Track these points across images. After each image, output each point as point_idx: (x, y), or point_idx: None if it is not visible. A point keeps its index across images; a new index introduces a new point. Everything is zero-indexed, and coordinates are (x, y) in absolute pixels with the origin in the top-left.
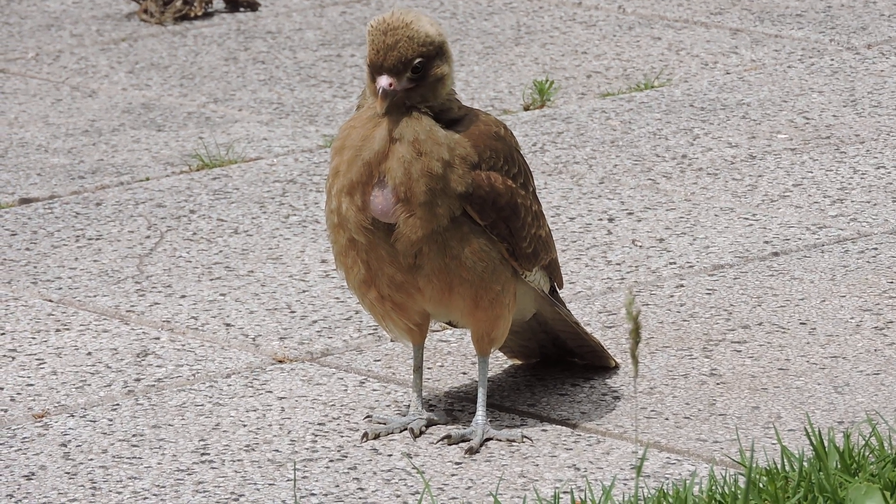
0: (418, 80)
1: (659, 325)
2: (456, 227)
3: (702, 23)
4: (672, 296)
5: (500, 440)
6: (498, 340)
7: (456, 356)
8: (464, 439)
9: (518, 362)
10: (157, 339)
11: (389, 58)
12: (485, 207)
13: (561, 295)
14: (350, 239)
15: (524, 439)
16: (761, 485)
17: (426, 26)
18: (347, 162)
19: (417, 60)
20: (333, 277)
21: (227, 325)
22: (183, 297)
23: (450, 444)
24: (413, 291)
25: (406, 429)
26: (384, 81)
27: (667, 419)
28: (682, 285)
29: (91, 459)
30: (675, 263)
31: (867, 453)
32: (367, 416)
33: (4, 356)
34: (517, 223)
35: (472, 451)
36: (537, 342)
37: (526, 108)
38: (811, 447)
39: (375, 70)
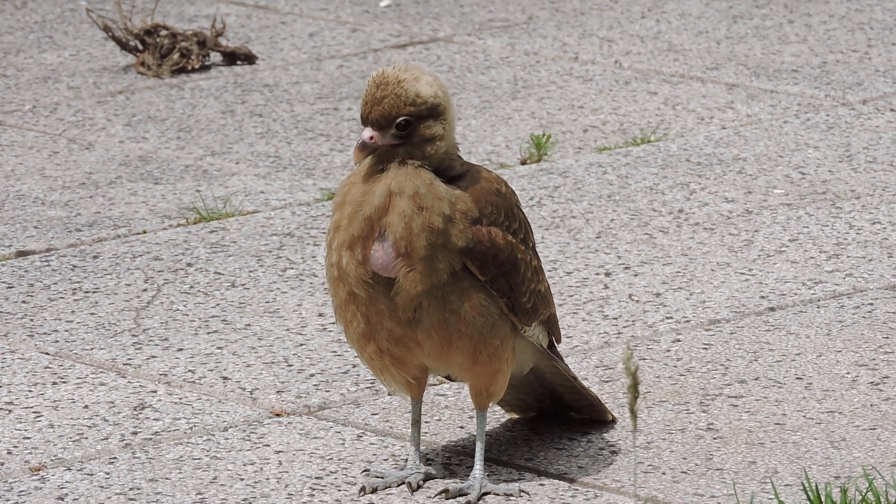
0: (404, 137)
1: (656, 379)
2: (456, 281)
3: (698, 77)
4: (669, 350)
5: (498, 494)
6: (496, 395)
7: (454, 410)
8: (461, 493)
9: (515, 416)
10: (154, 392)
11: (374, 112)
12: (485, 262)
13: (559, 349)
14: (350, 293)
15: (521, 493)
16: None
17: (420, 86)
18: (348, 217)
19: (402, 119)
20: (331, 331)
21: (225, 378)
22: (180, 350)
23: (448, 499)
24: (412, 345)
25: (403, 483)
26: (365, 134)
27: (664, 474)
28: (678, 340)
29: None
30: (671, 318)
31: None
32: (365, 470)
33: (1, 409)
34: (517, 278)
35: None
36: (535, 396)
37: (523, 162)
38: (808, 502)
39: (362, 121)
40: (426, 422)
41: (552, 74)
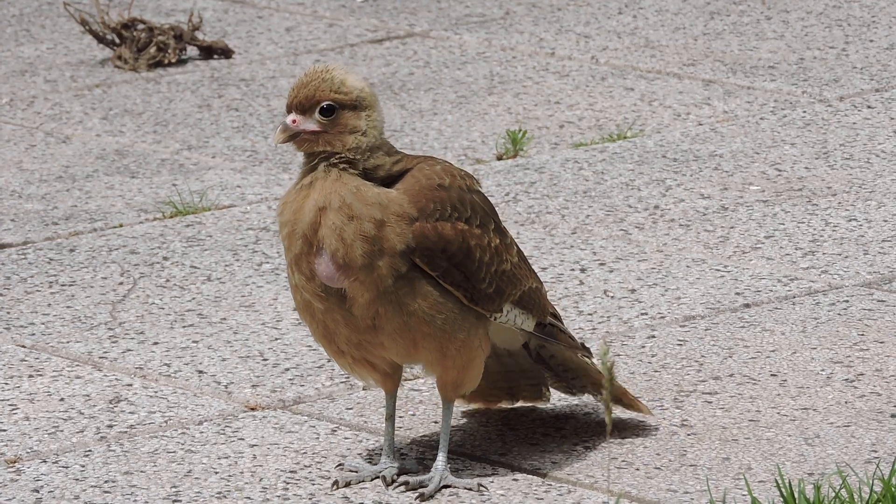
0: (326, 125)
1: (630, 375)
2: (408, 283)
3: (674, 74)
4: (643, 346)
5: (458, 487)
6: (465, 386)
7: (428, 405)
8: (421, 485)
9: (504, 406)
10: (130, 385)
11: (300, 95)
12: (434, 257)
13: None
14: (306, 300)
15: (480, 488)
16: None
17: (348, 76)
18: (287, 238)
19: (326, 103)
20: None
21: (200, 372)
22: (156, 343)
23: (407, 490)
24: (371, 348)
25: (377, 477)
26: (289, 118)
27: (637, 469)
28: (653, 336)
29: None
30: (646, 314)
31: None
32: (339, 465)
33: None
34: (472, 266)
35: (423, 498)
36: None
37: (499, 158)
38: (782, 499)
39: (287, 109)
40: (400, 417)
41: (528, 70)
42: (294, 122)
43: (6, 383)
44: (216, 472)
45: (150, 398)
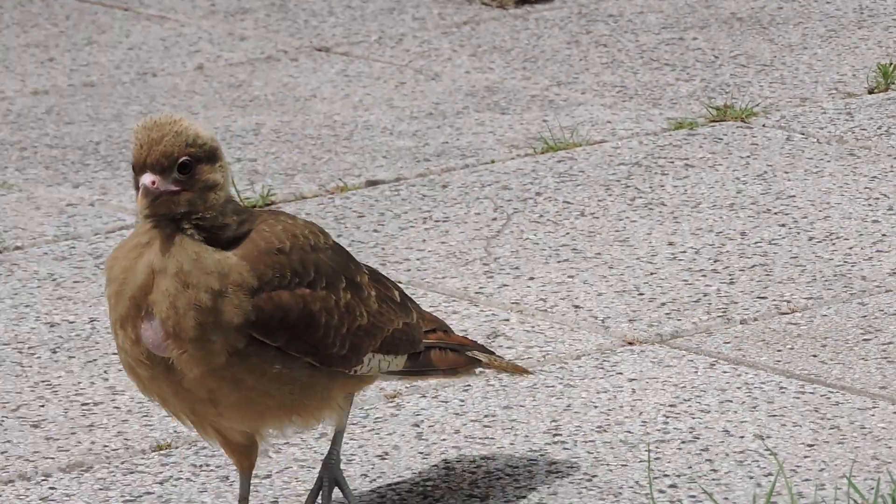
0: (185, 182)
1: None
2: (244, 358)
3: None
4: None
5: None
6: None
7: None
8: None
9: None
10: (507, 320)
11: (154, 153)
12: (271, 329)
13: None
14: (129, 364)
15: None
16: None
17: (197, 126)
18: (114, 295)
19: (184, 158)
20: (681, 260)
21: (576, 306)
22: (531, 279)
23: None
24: (210, 417)
25: None
26: (147, 179)
27: None
28: None
29: (444, 440)
30: None
31: None
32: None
33: None
34: (318, 333)
35: None
36: None
37: (870, 92)
38: None
39: (139, 169)
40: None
41: None
42: (153, 182)
43: None
44: (595, 407)
45: (527, 333)
